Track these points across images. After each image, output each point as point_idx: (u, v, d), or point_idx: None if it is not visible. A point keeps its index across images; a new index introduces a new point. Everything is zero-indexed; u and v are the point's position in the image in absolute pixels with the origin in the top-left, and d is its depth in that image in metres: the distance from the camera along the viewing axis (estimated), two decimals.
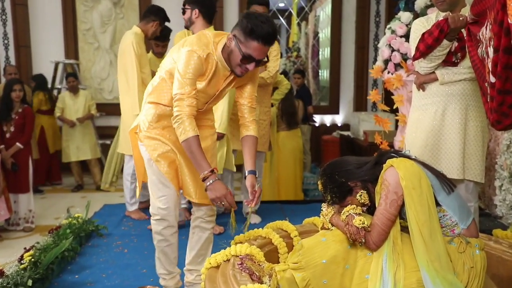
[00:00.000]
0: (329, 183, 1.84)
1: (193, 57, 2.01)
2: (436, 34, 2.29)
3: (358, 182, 1.81)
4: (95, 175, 5.43)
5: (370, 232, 1.70)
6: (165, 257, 2.33)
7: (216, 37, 2.10)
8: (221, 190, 1.99)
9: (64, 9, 6.05)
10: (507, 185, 3.09)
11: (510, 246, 1.97)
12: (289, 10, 7.63)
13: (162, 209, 2.22)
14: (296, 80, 6.41)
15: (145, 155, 2.24)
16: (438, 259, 1.61)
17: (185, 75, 2.01)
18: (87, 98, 5.42)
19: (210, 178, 2.00)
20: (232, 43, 2.00)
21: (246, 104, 2.24)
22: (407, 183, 1.66)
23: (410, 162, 1.72)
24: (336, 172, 1.84)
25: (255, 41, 1.94)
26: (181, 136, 2.01)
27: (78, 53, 6.19)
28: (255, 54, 1.98)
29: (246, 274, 1.72)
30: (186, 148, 2.03)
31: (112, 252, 3.19)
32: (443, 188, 1.73)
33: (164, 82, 2.18)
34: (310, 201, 4.75)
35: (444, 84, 2.47)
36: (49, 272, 2.70)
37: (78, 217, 3.44)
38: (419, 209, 1.64)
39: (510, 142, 3.09)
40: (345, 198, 1.84)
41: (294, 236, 2.12)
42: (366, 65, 6.39)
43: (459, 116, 2.48)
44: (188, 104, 2.01)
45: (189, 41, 2.08)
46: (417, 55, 2.44)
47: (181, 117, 2.00)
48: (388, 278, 1.63)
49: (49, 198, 5.01)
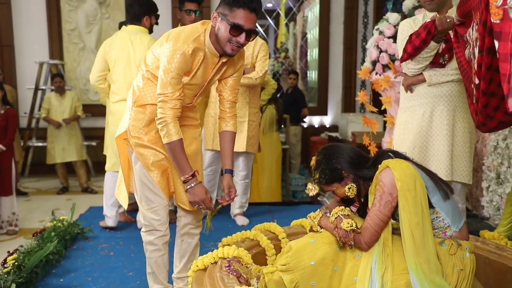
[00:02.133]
0: (324, 163, 1.83)
1: (176, 55, 1.94)
2: (423, 35, 2.29)
3: (351, 174, 1.80)
4: (81, 177, 5.36)
5: (361, 233, 1.69)
6: (159, 269, 2.25)
7: (202, 25, 2.05)
8: (200, 194, 2.04)
9: (49, 8, 5.96)
10: (494, 186, 3.12)
11: (497, 247, 1.98)
12: (277, 10, 7.63)
13: (155, 220, 2.16)
14: (292, 81, 6.41)
15: (137, 163, 2.15)
16: (427, 262, 1.61)
17: (169, 75, 1.96)
18: (74, 99, 5.35)
19: (191, 182, 2.04)
20: (218, 20, 1.96)
21: (228, 98, 2.20)
22: (402, 184, 1.65)
23: (406, 163, 1.71)
24: (335, 156, 1.82)
25: (240, 9, 1.91)
26: (164, 138, 2.00)
27: (63, 54, 6.11)
28: (243, 22, 1.93)
29: (233, 276, 1.70)
30: (169, 150, 2.02)
31: (98, 255, 3.14)
32: (438, 191, 1.72)
33: (149, 83, 2.11)
34: (299, 202, 4.74)
35: (432, 85, 2.48)
36: (33, 275, 2.64)
37: (63, 220, 3.38)
38: (413, 211, 1.64)
39: (497, 143, 3.12)
40: (332, 183, 1.83)
41: (282, 238, 2.11)
42: (354, 66, 6.41)
43: (446, 117, 2.49)
44: (171, 107, 1.97)
45: (173, 35, 2.00)
46: (405, 57, 2.44)
47: (164, 120, 1.98)
48: (376, 279, 1.62)
49: (34, 201, 4.93)
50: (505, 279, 1.85)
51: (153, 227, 2.18)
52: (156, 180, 2.12)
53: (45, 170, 5.69)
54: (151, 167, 2.11)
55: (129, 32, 3.39)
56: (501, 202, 3.04)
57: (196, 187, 2.04)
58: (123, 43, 3.34)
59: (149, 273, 2.29)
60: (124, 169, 2.27)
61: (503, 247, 1.99)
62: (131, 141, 2.14)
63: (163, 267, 2.26)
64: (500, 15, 1.30)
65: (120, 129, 2.22)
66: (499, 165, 3.09)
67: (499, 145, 3.10)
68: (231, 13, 1.92)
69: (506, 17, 1.29)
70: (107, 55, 3.37)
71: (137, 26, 3.41)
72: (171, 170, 2.16)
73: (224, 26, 1.94)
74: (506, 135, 3.05)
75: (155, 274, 2.27)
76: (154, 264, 2.24)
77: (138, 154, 2.12)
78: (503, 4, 1.29)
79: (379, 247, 1.68)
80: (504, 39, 1.30)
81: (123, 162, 2.27)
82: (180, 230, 2.33)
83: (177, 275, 2.36)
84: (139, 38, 3.34)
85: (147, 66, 2.11)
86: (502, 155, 3.07)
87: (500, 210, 3.05)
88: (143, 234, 2.23)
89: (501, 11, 1.30)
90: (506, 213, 2.68)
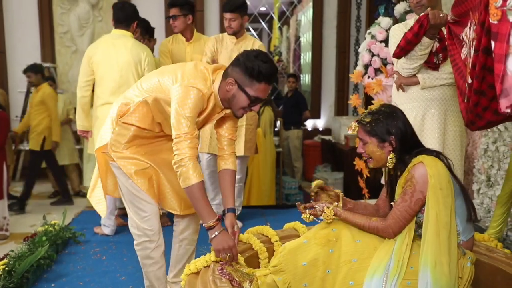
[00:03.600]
0: (383, 115, 1.77)
1: (195, 94, 1.88)
2: (415, 28, 2.27)
3: (395, 144, 1.75)
4: (73, 181, 5.34)
5: (389, 222, 1.69)
6: (158, 281, 2.20)
7: (213, 73, 2.00)
8: (228, 241, 1.87)
9: (41, 11, 5.94)
10: (485, 188, 3.14)
11: (487, 249, 2.00)
12: (271, 14, 7.66)
13: (149, 230, 2.11)
14: (291, 84, 6.42)
15: (120, 173, 2.08)
16: (449, 264, 1.60)
17: (185, 113, 1.87)
18: (66, 102, 5.33)
19: (216, 229, 1.87)
20: (234, 88, 1.91)
21: (226, 136, 2.13)
22: (435, 182, 1.63)
23: (441, 163, 1.70)
24: (396, 119, 1.77)
25: (262, 83, 1.89)
26: (183, 182, 1.87)
27: (55, 57, 6.09)
28: (262, 95, 1.93)
29: (226, 280, 1.70)
30: (188, 194, 1.90)
31: (90, 259, 3.12)
32: (461, 198, 1.73)
33: (145, 106, 2.02)
34: (292, 206, 4.74)
35: (425, 88, 2.50)
36: (24, 281, 2.62)
37: (55, 224, 3.36)
38: (443, 210, 1.62)
39: (487, 146, 3.14)
40: (374, 136, 1.77)
41: (275, 241, 2.11)
42: (347, 70, 6.44)
43: (438, 121, 2.51)
44: (191, 146, 1.87)
45: (189, 74, 1.94)
46: (397, 51, 2.41)
47: (183, 160, 1.85)
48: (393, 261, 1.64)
49: None
50: (495, 280, 1.87)
51: (147, 238, 2.13)
52: (144, 187, 2.07)
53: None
54: (135, 176, 2.06)
55: (112, 36, 3.39)
56: (491, 204, 3.06)
57: (222, 234, 1.87)
58: (106, 47, 3.33)
59: (148, 286, 2.24)
60: (102, 172, 2.21)
61: (493, 249, 2.00)
62: (113, 154, 2.07)
63: (162, 278, 2.22)
64: (499, 16, 1.32)
65: (101, 141, 2.14)
66: (490, 168, 3.11)
67: (489, 148, 3.12)
68: (251, 85, 1.89)
69: (504, 19, 1.31)
70: (91, 60, 3.34)
71: (121, 30, 3.38)
72: (158, 177, 2.13)
73: (243, 97, 1.91)
74: (496, 138, 3.07)
75: (154, 287, 2.23)
76: (153, 278, 2.19)
77: (121, 165, 2.06)
78: (503, 6, 1.31)
79: (401, 237, 1.70)
80: (501, 40, 1.31)
81: (102, 169, 2.21)
82: (179, 235, 2.28)
83: (172, 280, 2.33)
84: (121, 42, 3.33)
85: (151, 91, 2.02)
86: (492, 158, 3.10)
87: (490, 212, 3.07)
88: (137, 249, 2.18)
89: (500, 12, 1.31)
90: (496, 215, 2.70)
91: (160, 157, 2.15)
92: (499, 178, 3.03)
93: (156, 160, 2.12)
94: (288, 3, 7.67)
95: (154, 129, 2.09)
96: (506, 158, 2.99)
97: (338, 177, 5.16)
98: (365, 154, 1.83)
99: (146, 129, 2.07)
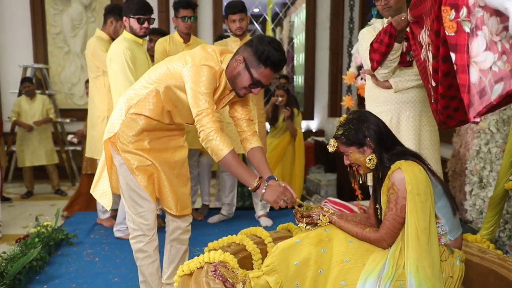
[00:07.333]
0: (352, 123, 1.81)
1: (208, 70, 1.92)
2: (386, 40, 2.33)
3: (373, 145, 1.78)
4: (53, 180, 5.42)
5: (382, 234, 1.72)
6: (151, 276, 2.22)
7: (221, 54, 2.03)
8: (278, 189, 1.87)
9: (33, 12, 5.91)
10: (477, 190, 3.16)
11: (480, 250, 2.01)
12: (264, 15, 7.66)
13: (144, 224, 2.15)
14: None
15: (122, 167, 2.12)
16: (432, 267, 1.62)
17: (201, 89, 1.90)
18: (45, 102, 5.37)
19: (262, 187, 1.88)
20: (241, 66, 1.94)
21: (242, 117, 2.14)
22: (412, 188, 1.65)
23: (419, 167, 1.71)
24: (366, 122, 1.80)
25: (268, 68, 1.91)
26: (215, 156, 1.89)
27: (47, 58, 6.05)
28: (264, 80, 1.95)
29: (219, 281, 1.70)
30: (225, 165, 1.92)
31: (83, 261, 3.10)
32: (445, 198, 1.74)
33: (156, 96, 2.04)
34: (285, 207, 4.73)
35: (398, 91, 2.54)
36: (16, 282, 2.61)
37: (47, 226, 3.33)
38: (421, 215, 1.64)
39: (479, 148, 3.17)
40: (351, 145, 1.81)
41: (268, 242, 2.11)
42: (340, 71, 6.46)
43: (413, 122, 2.56)
44: (214, 120, 1.89)
45: (199, 55, 1.98)
46: (375, 65, 2.47)
47: (210, 135, 1.88)
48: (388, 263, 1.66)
49: (17, 206, 4.87)
50: (487, 281, 1.88)
51: (142, 232, 2.17)
52: (143, 184, 2.11)
53: None
54: (136, 171, 2.09)
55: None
56: (483, 205, 3.08)
57: (269, 187, 1.87)
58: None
59: (142, 282, 2.27)
60: (108, 167, 2.23)
61: (485, 250, 2.02)
62: (119, 145, 2.10)
63: (156, 274, 2.24)
64: (454, 28, 1.33)
65: (109, 132, 2.15)
66: (482, 169, 3.13)
67: (481, 150, 3.14)
68: (257, 67, 1.92)
69: (460, 30, 1.33)
70: None
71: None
72: (159, 175, 2.15)
73: (246, 77, 1.94)
74: (488, 140, 3.10)
75: (147, 282, 2.25)
76: (146, 272, 2.22)
77: (125, 159, 2.10)
78: (456, 17, 1.32)
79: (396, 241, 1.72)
80: (460, 50, 1.33)
81: (109, 165, 2.23)
82: (170, 235, 2.31)
83: (166, 281, 2.34)
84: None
85: (165, 80, 2.03)
86: (485, 160, 3.12)
87: (482, 213, 3.09)
88: (132, 243, 2.21)
89: (455, 24, 1.33)
90: (489, 216, 2.72)
91: (163, 156, 2.17)
92: (491, 180, 3.05)
93: (159, 159, 2.14)
94: (281, 4, 7.68)
95: (163, 119, 2.10)
96: (498, 159, 3.01)
97: (331, 179, 5.17)
98: (352, 164, 1.87)
99: (155, 120, 2.08)
